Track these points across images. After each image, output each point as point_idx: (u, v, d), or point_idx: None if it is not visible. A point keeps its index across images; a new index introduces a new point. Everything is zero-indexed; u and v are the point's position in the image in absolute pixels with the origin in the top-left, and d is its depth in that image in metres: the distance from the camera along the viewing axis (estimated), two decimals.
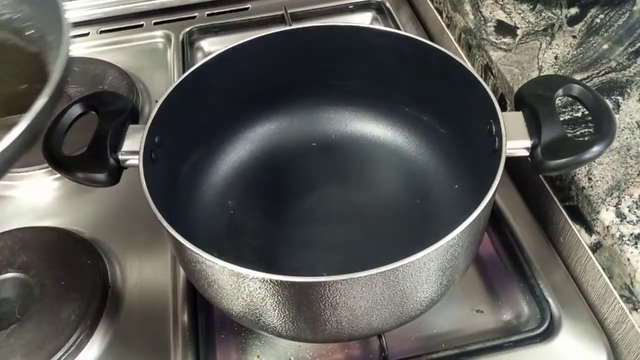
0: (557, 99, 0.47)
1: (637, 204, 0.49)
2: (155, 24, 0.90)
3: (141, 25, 0.89)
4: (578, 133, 0.55)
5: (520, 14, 0.69)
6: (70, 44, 0.38)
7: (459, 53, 0.74)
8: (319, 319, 0.41)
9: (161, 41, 0.87)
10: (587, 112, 0.55)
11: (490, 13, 0.70)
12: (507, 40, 0.66)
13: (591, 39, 0.65)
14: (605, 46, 0.64)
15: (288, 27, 0.74)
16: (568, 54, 0.63)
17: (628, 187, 0.50)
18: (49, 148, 0.46)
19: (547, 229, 0.59)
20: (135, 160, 0.46)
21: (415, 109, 0.61)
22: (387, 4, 0.88)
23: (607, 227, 0.48)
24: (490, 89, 0.48)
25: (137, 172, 0.45)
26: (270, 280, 0.38)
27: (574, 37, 0.65)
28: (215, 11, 0.91)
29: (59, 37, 0.38)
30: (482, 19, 0.70)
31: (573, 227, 0.54)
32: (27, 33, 0.44)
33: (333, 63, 0.59)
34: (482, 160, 0.48)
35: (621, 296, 0.49)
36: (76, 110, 0.49)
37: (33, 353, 0.49)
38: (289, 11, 0.86)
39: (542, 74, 0.61)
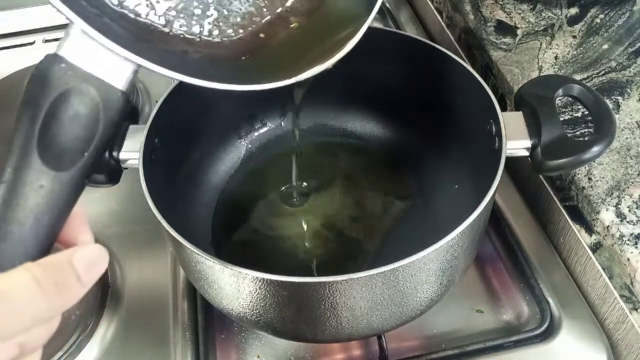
0: (557, 99, 0.47)
1: (637, 204, 0.49)
2: None
3: None
4: (578, 133, 0.55)
5: (520, 14, 0.69)
6: None
7: (459, 53, 0.74)
8: (318, 319, 0.41)
9: None
10: (587, 112, 0.55)
11: (490, 13, 0.70)
12: (507, 40, 0.66)
13: (591, 39, 0.65)
14: (605, 46, 0.64)
15: None
16: (568, 54, 0.63)
17: (628, 187, 0.50)
18: None
19: (547, 229, 0.59)
20: (135, 161, 0.46)
21: (415, 109, 0.61)
22: (387, 4, 0.88)
23: (607, 227, 0.48)
24: (490, 89, 0.48)
25: (137, 172, 0.45)
26: (270, 280, 0.38)
27: (574, 37, 0.65)
28: None
29: None
30: (482, 19, 0.70)
31: (573, 227, 0.54)
32: None
33: None
34: (482, 160, 0.48)
35: (621, 296, 0.49)
36: None
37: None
38: None
39: (542, 74, 0.61)
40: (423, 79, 0.57)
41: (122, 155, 0.47)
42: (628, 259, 0.46)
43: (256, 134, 0.65)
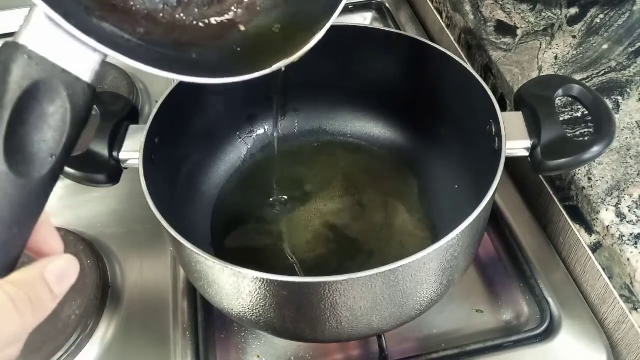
0: (557, 99, 0.47)
1: (637, 204, 0.49)
2: None
3: None
4: (578, 133, 0.55)
5: (520, 14, 0.69)
6: None
7: (459, 53, 0.74)
8: (318, 319, 0.41)
9: None
10: (587, 112, 0.55)
11: (490, 13, 0.70)
12: (507, 40, 0.66)
13: (591, 39, 0.65)
14: (605, 46, 0.64)
15: None
16: (568, 54, 0.63)
17: (628, 187, 0.50)
18: None
19: (547, 229, 0.59)
20: (135, 161, 0.46)
21: (415, 109, 0.61)
22: (387, 4, 0.88)
23: (607, 227, 0.48)
24: (490, 89, 0.48)
25: (137, 172, 0.45)
26: (271, 280, 0.38)
27: (574, 37, 0.65)
28: None
29: None
30: (482, 19, 0.70)
31: (573, 227, 0.54)
32: None
33: (333, 64, 0.59)
34: (482, 160, 0.48)
35: (621, 296, 0.49)
36: None
37: (32, 354, 0.49)
38: None
39: (542, 74, 0.61)
40: (423, 79, 0.57)
41: (122, 155, 0.47)
42: (628, 259, 0.46)
43: (256, 134, 0.65)
